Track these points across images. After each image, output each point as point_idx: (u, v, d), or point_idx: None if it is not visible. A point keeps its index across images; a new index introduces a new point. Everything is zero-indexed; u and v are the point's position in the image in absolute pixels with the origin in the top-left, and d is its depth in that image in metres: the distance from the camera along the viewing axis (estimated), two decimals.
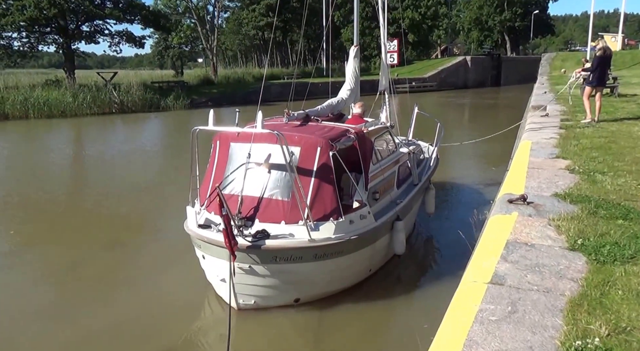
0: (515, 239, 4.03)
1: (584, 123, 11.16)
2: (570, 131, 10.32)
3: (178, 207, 6.82)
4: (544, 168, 6.81)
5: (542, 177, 6.25)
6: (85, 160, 17.69)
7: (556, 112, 13.99)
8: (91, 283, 6.81)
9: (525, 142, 9.23)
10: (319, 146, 5.69)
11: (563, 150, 8.07)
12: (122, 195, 11.82)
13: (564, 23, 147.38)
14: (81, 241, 8.54)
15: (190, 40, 50.90)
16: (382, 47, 10.06)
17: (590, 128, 10.64)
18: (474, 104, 38.90)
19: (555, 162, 7.25)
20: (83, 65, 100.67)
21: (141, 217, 10.33)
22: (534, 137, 9.77)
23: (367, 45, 58.36)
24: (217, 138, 6.29)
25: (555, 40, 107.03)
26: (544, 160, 7.38)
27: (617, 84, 18.64)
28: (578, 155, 7.66)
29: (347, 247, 5.65)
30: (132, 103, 29.21)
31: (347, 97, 8.94)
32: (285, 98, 10.59)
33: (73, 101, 26.95)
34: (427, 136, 10.51)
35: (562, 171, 6.57)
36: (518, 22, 75.70)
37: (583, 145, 8.59)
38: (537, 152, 8.13)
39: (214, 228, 5.45)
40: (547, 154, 7.87)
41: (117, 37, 33.47)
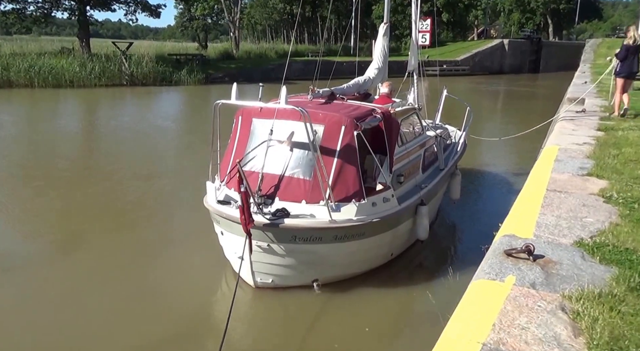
0: (497, 342, 2.42)
1: (614, 117, 10.37)
2: (610, 134, 8.40)
3: (194, 183, 7.16)
4: (568, 191, 5.06)
5: (564, 206, 4.52)
6: (84, 134, 16.61)
7: (595, 107, 11.93)
8: (106, 260, 6.67)
9: (551, 148, 7.40)
10: (343, 125, 5.52)
11: (598, 163, 6.25)
12: (134, 171, 11.31)
13: (613, 8, 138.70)
14: (95, 217, 8.34)
15: (216, 13, 49.20)
16: (413, 25, 9.76)
17: (635, 131, 8.68)
18: (508, 92, 36.24)
19: (586, 181, 5.47)
20: (115, 35, 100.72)
21: (157, 191, 9.97)
22: (563, 140, 7.92)
23: (399, 24, 55.49)
24: (240, 114, 6.17)
25: (602, 25, 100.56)
26: (570, 178, 5.60)
27: None
28: (617, 172, 5.84)
29: (368, 229, 5.51)
30: (143, 76, 27.99)
31: (375, 76, 8.54)
32: (307, 76, 11.09)
33: (80, 71, 25.86)
34: (455, 121, 10.02)
35: (593, 198, 4.82)
36: (563, 4, 70.96)
37: (625, 155, 6.74)
38: (564, 163, 6.33)
39: (233, 204, 5.36)
40: (576, 168, 6.07)
41: (132, 4, 32.06)
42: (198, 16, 46.01)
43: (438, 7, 58.52)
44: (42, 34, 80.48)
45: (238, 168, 4.60)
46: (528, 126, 11.88)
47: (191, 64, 31.45)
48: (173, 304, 5.59)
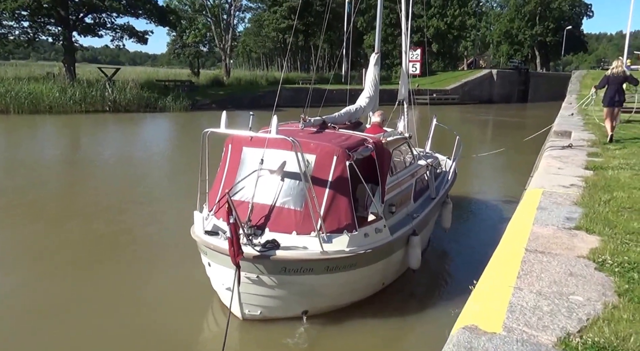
0: None
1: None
2: (599, 174, 7.51)
3: (180, 213, 7.10)
4: (552, 251, 4.11)
5: (546, 276, 3.56)
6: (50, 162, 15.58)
7: (582, 141, 11.09)
8: (92, 289, 6.43)
9: (535, 190, 6.49)
10: (335, 155, 5.42)
11: (587, 213, 5.32)
12: (117, 200, 10.83)
13: (597, 41, 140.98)
14: (80, 246, 8.02)
15: (208, 40, 48.99)
16: (404, 55, 9.72)
17: (626, 170, 7.81)
18: (497, 122, 35.65)
19: (574, 237, 4.53)
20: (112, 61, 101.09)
21: (141, 222, 9.51)
22: (548, 181, 7.01)
23: (389, 53, 55.59)
24: (230, 142, 6.03)
25: (587, 58, 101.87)
26: (554, 233, 4.65)
27: None
28: (610, 224, 4.91)
29: (360, 260, 5.39)
30: (127, 102, 27.14)
31: (366, 105, 8.50)
32: (296, 103, 11.16)
33: (60, 96, 24.98)
34: (445, 149, 9.97)
35: (582, 263, 3.86)
36: (550, 37, 71.86)
37: (618, 202, 5.82)
38: (548, 212, 5.39)
39: (221, 235, 5.20)
40: (562, 218, 5.14)
41: (119, 31, 31.51)
42: (190, 43, 45.66)
43: (428, 37, 58.88)
44: (40, 59, 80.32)
45: (227, 198, 4.47)
46: (516, 157, 11.62)
47: (177, 91, 30.71)
48: (159, 337, 5.44)
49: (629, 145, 10.71)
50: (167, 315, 5.83)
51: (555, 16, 71.29)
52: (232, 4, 42.91)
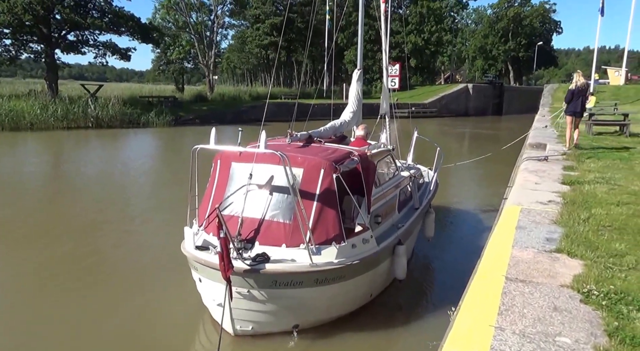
0: None
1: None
2: (576, 190, 7.23)
3: (169, 228, 7.04)
4: (534, 280, 3.74)
5: (529, 312, 3.17)
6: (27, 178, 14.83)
7: (557, 155, 10.89)
8: (82, 306, 6.14)
9: (513, 208, 6.15)
10: (322, 168, 5.43)
11: (567, 233, 4.98)
12: (105, 217, 10.35)
13: (566, 56, 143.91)
14: (64, 264, 7.60)
15: (192, 56, 48.46)
16: (384, 71, 9.73)
17: (602, 185, 7.54)
18: (474, 134, 35.67)
19: (555, 262, 4.16)
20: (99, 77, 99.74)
21: (126, 239, 9.05)
22: (526, 198, 6.70)
23: (369, 69, 55.67)
24: (218, 158, 5.99)
25: (558, 72, 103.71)
26: (535, 257, 4.29)
27: (629, 122, 15.51)
28: (592, 246, 4.57)
29: (349, 271, 5.34)
30: (109, 118, 26.37)
31: (350, 119, 8.56)
32: (279, 118, 11.51)
33: (41, 113, 24.16)
34: (426, 160, 10.08)
35: (566, 294, 3.49)
36: (522, 52, 72.99)
37: (597, 219, 5.51)
38: (527, 232, 5.04)
39: (211, 250, 5.08)
40: (542, 240, 4.79)
41: (102, 48, 30.77)
42: (174, 60, 45.06)
43: (406, 53, 59.29)
44: (27, 77, 78.75)
45: (217, 213, 4.39)
46: (494, 167, 12.33)
47: (161, 106, 30.07)
48: None
49: (602, 157, 10.54)
50: (158, 333, 5.64)
51: (526, 32, 72.49)
52: (215, 22, 42.53)
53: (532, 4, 74.63)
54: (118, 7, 30.18)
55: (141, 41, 31.41)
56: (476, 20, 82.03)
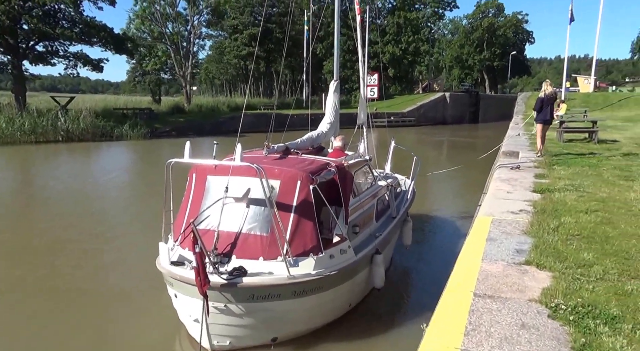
0: None
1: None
2: (546, 198, 7.24)
3: (143, 244, 6.94)
4: (502, 295, 3.65)
5: (496, 331, 3.07)
6: None
7: (529, 163, 10.98)
8: (56, 322, 6.04)
9: (484, 219, 6.10)
10: (299, 179, 5.43)
11: (537, 243, 4.94)
12: (76, 233, 10.02)
13: (539, 65, 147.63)
14: (41, 278, 7.47)
15: (169, 67, 47.96)
16: (362, 82, 9.85)
17: (572, 192, 7.58)
18: (451, 142, 36.05)
19: (524, 275, 4.09)
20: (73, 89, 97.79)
21: (104, 256, 8.73)
22: (497, 207, 6.68)
23: (348, 78, 56.04)
24: (194, 171, 5.91)
25: (531, 80, 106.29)
26: (504, 270, 4.21)
27: (597, 129, 15.82)
28: (560, 256, 4.52)
29: (327, 282, 5.32)
30: (81, 131, 25.72)
31: (327, 130, 8.55)
32: (257, 129, 11.59)
33: (7, 127, 23.43)
34: (404, 169, 10.13)
35: (534, 310, 3.41)
36: (497, 61, 74.57)
37: (566, 228, 5.50)
38: (498, 244, 4.98)
39: (187, 265, 5.01)
40: (512, 251, 4.73)
41: (72, 59, 30.10)
42: (150, 71, 44.49)
43: (384, 63, 59.92)
44: None
45: (192, 228, 4.36)
46: (470, 174, 12.51)
47: (136, 118, 29.55)
48: None
49: (572, 164, 10.66)
50: (131, 350, 5.52)
51: (500, 42, 74.15)
52: (192, 32, 42.22)
53: (505, 15, 76.47)
54: (89, 17, 29.62)
55: (114, 52, 30.86)
56: (452, 30, 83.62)
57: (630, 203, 6.71)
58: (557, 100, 11.94)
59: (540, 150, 12.04)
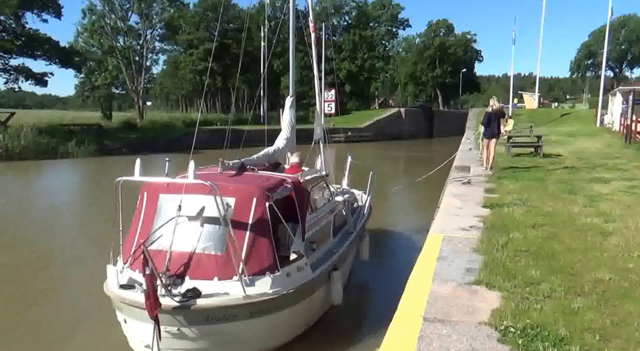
0: None
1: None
2: (496, 213, 7.33)
3: (90, 267, 6.64)
4: (452, 319, 3.55)
5: None
6: None
7: (479, 177, 11.21)
8: None
9: (436, 236, 6.07)
10: (255, 197, 5.36)
11: (486, 261, 4.91)
12: (17, 256, 9.36)
13: (488, 82, 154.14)
14: None
15: (121, 82, 46.54)
16: (317, 98, 9.90)
17: (520, 207, 7.72)
18: (408, 157, 36.73)
19: (474, 296, 4.02)
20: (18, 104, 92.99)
21: (47, 274, 8.42)
22: (449, 224, 6.68)
23: (306, 94, 56.30)
24: (145, 190, 5.76)
25: (481, 97, 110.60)
26: (454, 291, 4.13)
27: (542, 143, 16.47)
28: (509, 275, 4.50)
29: (284, 301, 5.19)
30: (21, 149, 24.29)
31: (284, 146, 8.54)
32: (214, 144, 10.67)
33: None
34: (361, 184, 10.13)
35: (484, 333, 3.31)
36: (448, 78, 77.12)
37: (515, 244, 5.53)
38: (448, 263, 4.92)
39: (137, 288, 4.74)
40: (462, 271, 4.67)
41: (13, 72, 28.60)
42: (100, 85, 42.99)
43: (341, 79, 60.75)
44: None
45: (143, 249, 4.25)
46: (427, 188, 12.88)
47: (83, 135, 28.31)
48: None
49: (520, 178, 10.94)
50: None
51: (452, 60, 76.90)
52: (145, 46, 41.26)
53: (455, 34, 79.55)
54: (33, 30, 28.27)
55: (60, 65, 29.57)
56: (406, 48, 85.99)
57: (573, 217, 6.88)
58: (505, 116, 12.34)
59: (490, 164, 12.30)
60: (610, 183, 9.97)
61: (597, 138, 22.55)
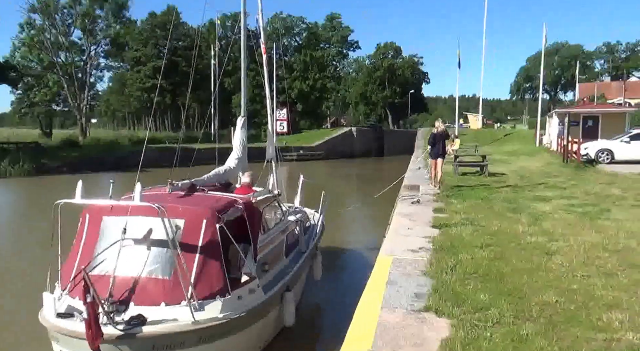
0: None
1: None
2: (444, 233, 7.29)
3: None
4: (401, 350, 3.33)
5: None
6: None
7: (428, 196, 11.28)
8: None
9: (385, 259, 5.91)
10: (204, 218, 5.14)
11: (436, 286, 4.78)
12: None
13: (435, 103, 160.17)
14: None
15: (63, 98, 44.34)
16: (269, 118, 9.88)
17: (468, 226, 7.74)
18: (359, 175, 36.98)
19: (423, 324, 3.84)
20: None
21: None
22: (398, 245, 6.56)
23: (258, 113, 56.01)
24: (87, 212, 5.44)
25: (429, 117, 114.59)
26: (403, 319, 3.94)
27: (486, 162, 16.95)
28: (459, 300, 4.36)
29: (235, 325, 4.97)
30: None
31: (235, 166, 8.44)
32: (162, 163, 10.42)
33: None
34: (313, 203, 10.02)
35: None
36: (397, 99, 79.30)
37: (463, 266, 5.44)
38: (397, 288, 4.74)
39: (77, 316, 4.44)
40: (411, 296, 4.50)
41: None
42: (39, 102, 40.73)
43: (292, 98, 60.94)
44: None
45: (83, 274, 4.05)
46: (379, 206, 13.10)
47: (18, 153, 26.53)
48: None
49: (467, 197, 11.10)
50: None
51: (400, 81, 79.31)
52: (88, 63, 39.63)
53: (403, 57, 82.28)
54: None
55: None
56: (357, 69, 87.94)
57: (519, 237, 6.95)
58: (451, 136, 12.80)
59: (438, 182, 12.58)
60: (551, 201, 10.27)
61: (537, 157, 23.58)
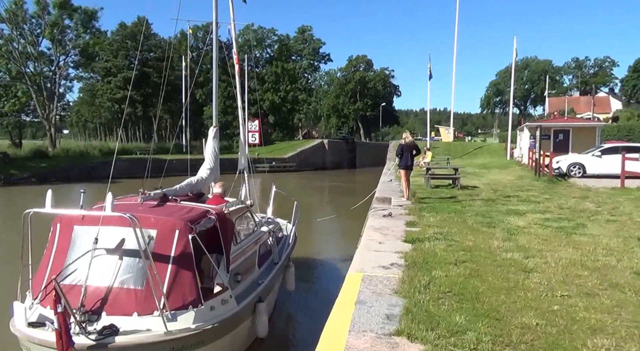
0: None
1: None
2: (417, 248, 6.99)
3: None
4: None
5: None
6: None
7: (400, 210, 11.04)
8: None
9: (355, 276, 5.57)
10: (177, 229, 5.14)
11: (408, 306, 4.44)
12: None
13: (407, 116, 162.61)
14: None
15: (32, 109, 42.72)
16: (241, 128, 9.91)
17: (441, 241, 7.49)
18: (332, 188, 36.76)
19: (394, 350, 3.51)
20: None
21: None
22: (369, 262, 6.22)
23: (230, 124, 55.34)
24: (58, 221, 5.41)
25: (400, 129, 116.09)
26: (372, 346, 3.59)
27: (459, 175, 16.90)
28: (433, 323, 4.04)
29: (208, 335, 4.99)
30: None
31: (207, 176, 8.44)
32: (133, 174, 11.02)
33: None
34: (285, 214, 10.03)
35: None
36: (369, 111, 79.97)
37: (437, 284, 5.15)
38: (367, 309, 4.40)
39: (48, 326, 4.51)
40: (382, 318, 4.16)
41: None
42: (7, 112, 39.09)
43: (264, 110, 60.55)
44: None
45: (54, 284, 4.00)
46: (351, 218, 12.93)
47: None
48: None
49: (440, 210, 10.88)
50: None
51: (372, 94, 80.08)
52: (58, 73, 38.31)
53: (374, 70, 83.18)
54: None
55: None
56: (328, 81, 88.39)
57: (494, 252, 6.71)
58: (417, 148, 12.55)
59: (408, 194, 12.59)
60: (525, 215, 10.07)
61: (508, 170, 23.62)
